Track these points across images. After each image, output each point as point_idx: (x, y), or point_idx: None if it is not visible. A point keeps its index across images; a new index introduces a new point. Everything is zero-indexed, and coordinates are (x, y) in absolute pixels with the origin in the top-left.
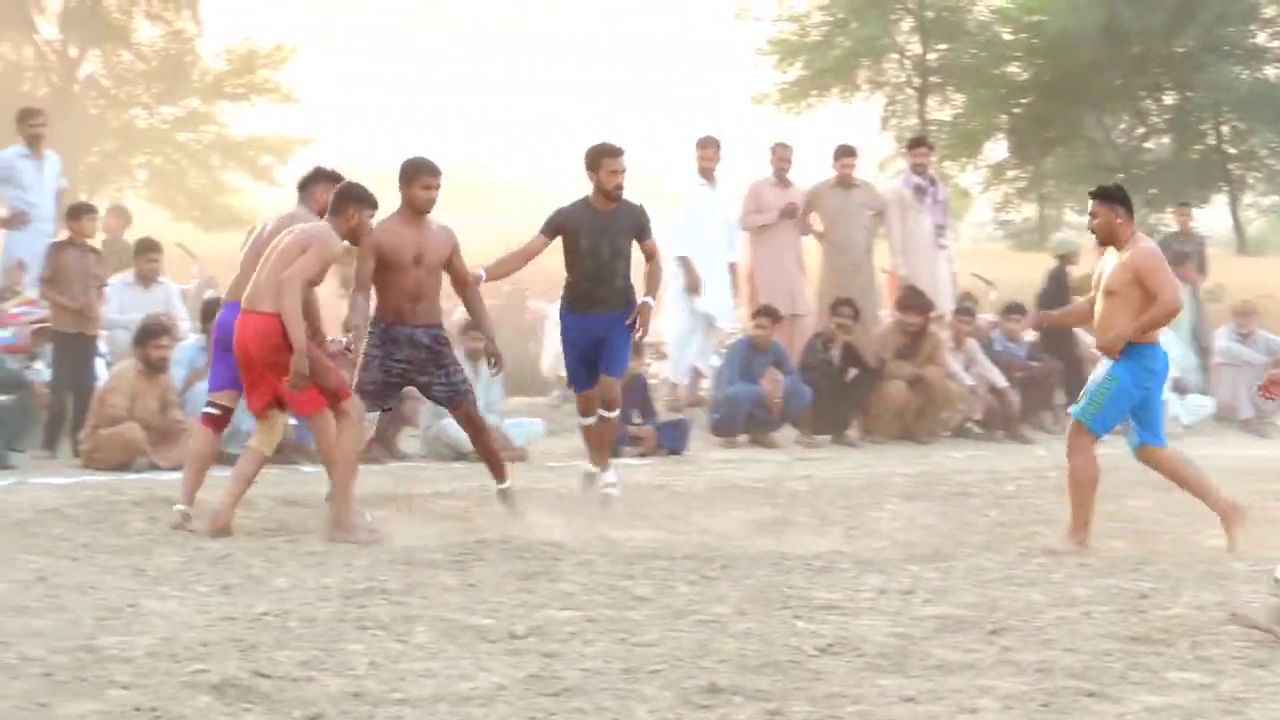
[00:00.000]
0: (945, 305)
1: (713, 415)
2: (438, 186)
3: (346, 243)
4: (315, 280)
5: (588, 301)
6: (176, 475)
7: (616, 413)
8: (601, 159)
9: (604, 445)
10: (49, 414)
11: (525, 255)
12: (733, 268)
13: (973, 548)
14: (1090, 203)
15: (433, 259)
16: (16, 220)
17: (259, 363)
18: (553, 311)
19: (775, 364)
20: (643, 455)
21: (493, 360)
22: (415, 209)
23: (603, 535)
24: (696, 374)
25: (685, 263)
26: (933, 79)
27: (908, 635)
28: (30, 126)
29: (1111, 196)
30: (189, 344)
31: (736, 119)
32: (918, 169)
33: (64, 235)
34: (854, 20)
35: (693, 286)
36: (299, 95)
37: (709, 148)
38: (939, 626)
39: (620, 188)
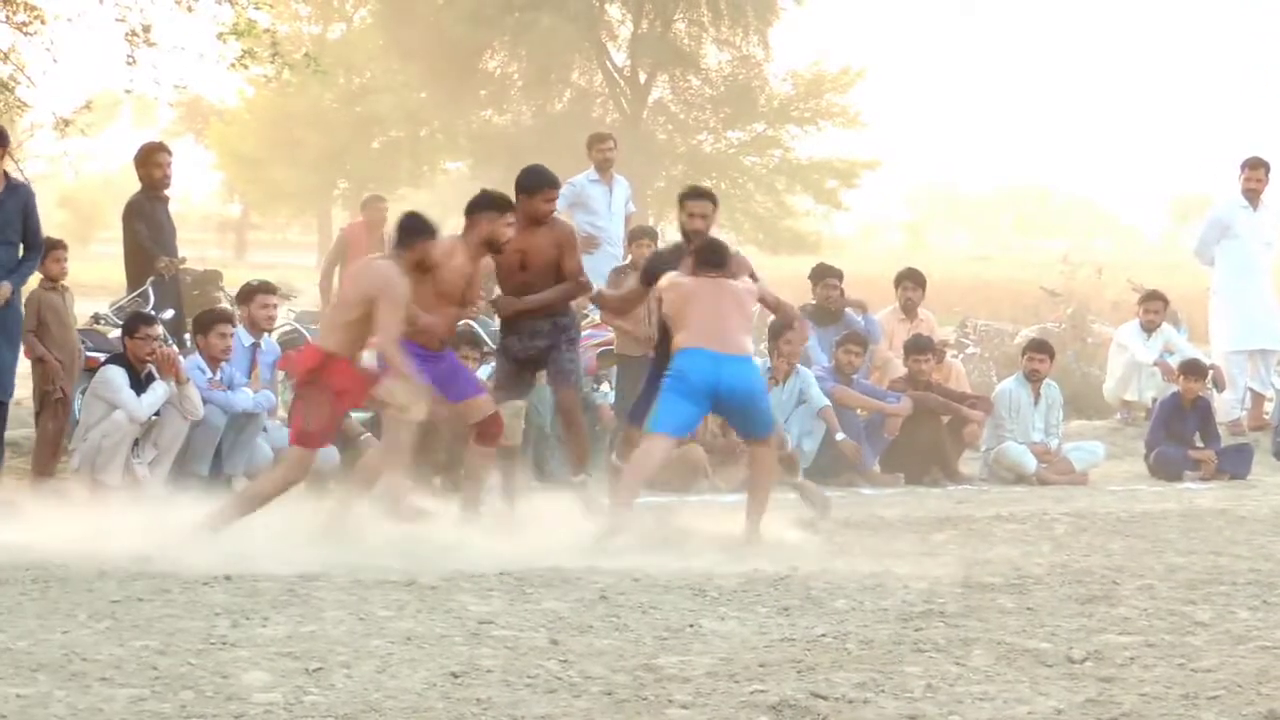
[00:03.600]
0: None
1: (1276, 439)
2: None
3: None
4: None
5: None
6: (736, 497)
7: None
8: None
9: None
10: (612, 435)
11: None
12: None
13: None
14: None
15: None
16: (586, 244)
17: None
18: (1117, 334)
19: None
20: (1204, 479)
21: None
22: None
23: (1162, 560)
24: (1258, 398)
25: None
26: None
27: None
28: (599, 151)
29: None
30: None
31: None
32: None
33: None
34: None
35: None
36: (866, 119)
37: (1257, 169)
38: None
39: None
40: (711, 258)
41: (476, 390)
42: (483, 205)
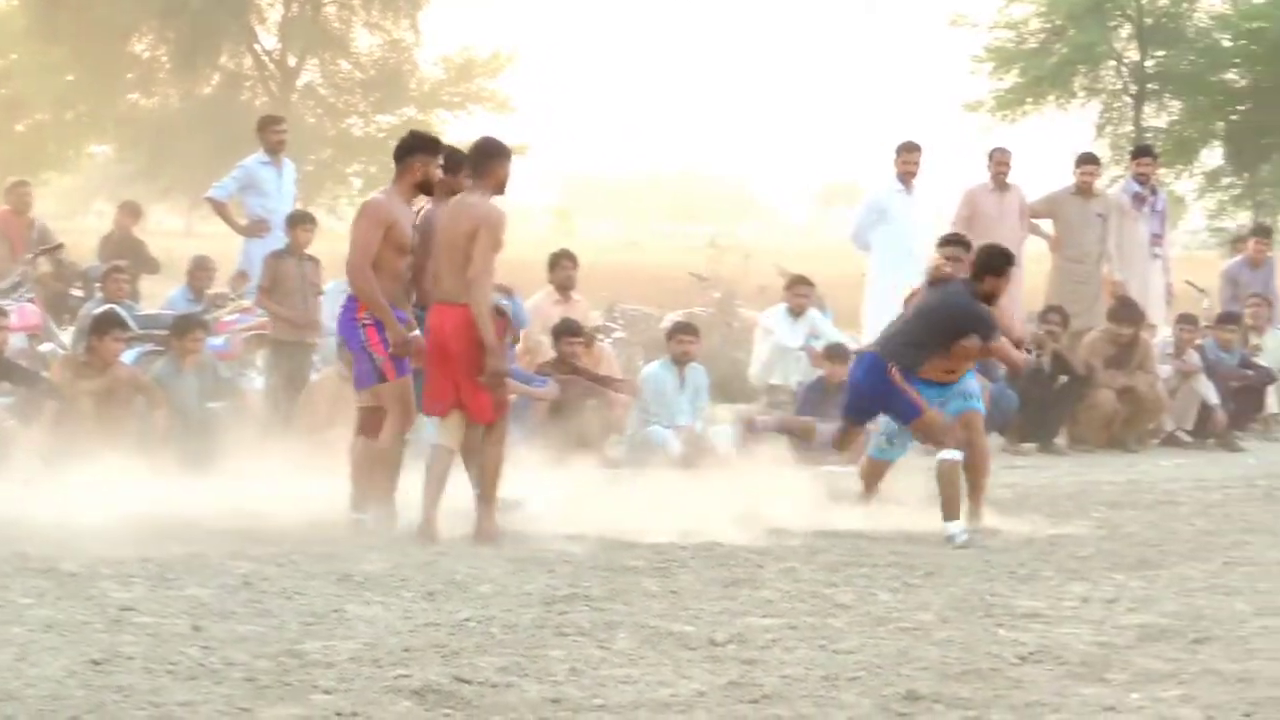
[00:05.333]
0: (1157, 314)
1: None
2: None
3: None
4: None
5: None
6: None
7: None
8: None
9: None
10: (262, 421)
11: None
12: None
13: (1178, 556)
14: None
15: None
16: (258, 228)
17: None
18: (763, 319)
19: (982, 371)
20: (848, 462)
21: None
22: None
23: (805, 542)
24: None
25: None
26: (1150, 86)
27: (1110, 644)
28: (273, 133)
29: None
30: None
31: (947, 126)
32: (1140, 178)
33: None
34: (1072, 27)
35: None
36: (515, 103)
37: (912, 152)
38: (1142, 635)
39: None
40: None
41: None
42: (415, 148)
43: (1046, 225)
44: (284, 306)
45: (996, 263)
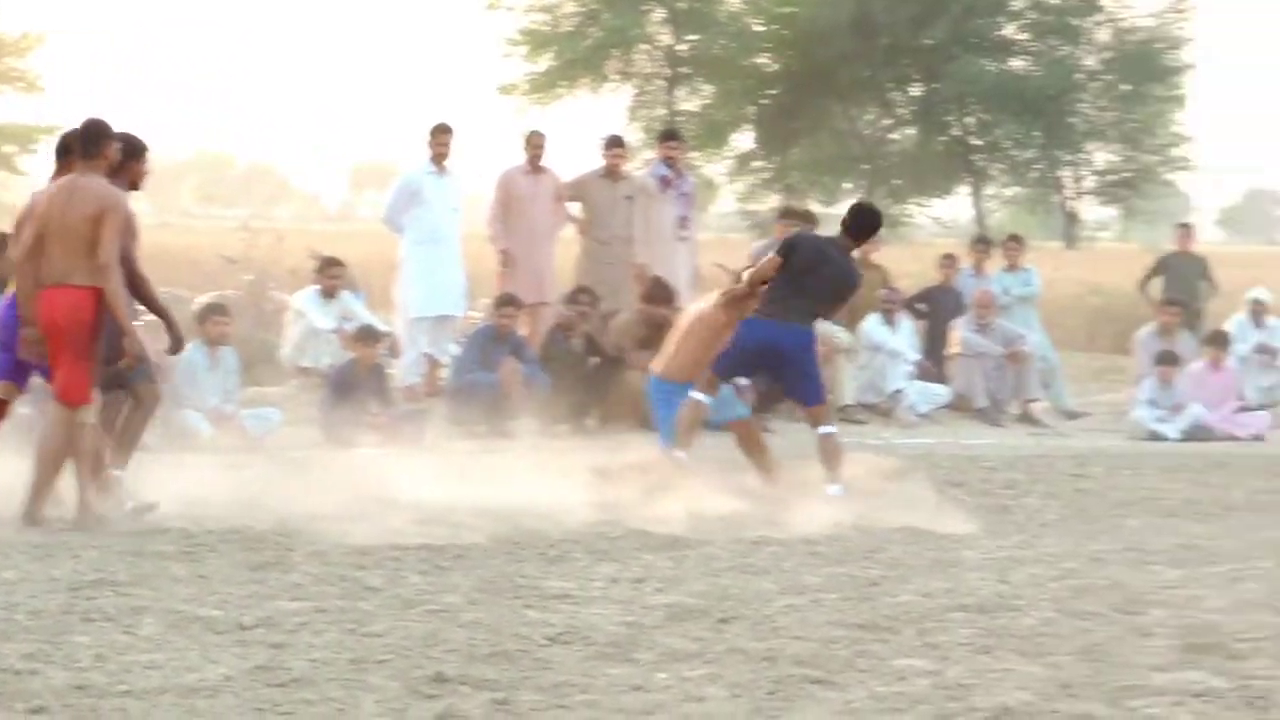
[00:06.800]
0: (684, 296)
1: (450, 404)
2: None
3: None
4: None
5: None
6: None
7: None
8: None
9: None
10: None
11: None
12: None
13: (706, 536)
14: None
15: None
16: None
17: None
18: (295, 301)
19: (513, 353)
20: (379, 445)
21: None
22: None
23: (336, 526)
24: (433, 363)
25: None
26: (682, 70)
27: (638, 624)
28: None
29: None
30: None
31: (482, 109)
32: (667, 161)
33: None
34: (605, 11)
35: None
36: (44, 84)
37: (444, 134)
38: (669, 615)
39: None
40: None
41: None
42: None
43: (575, 208)
44: None
45: None
